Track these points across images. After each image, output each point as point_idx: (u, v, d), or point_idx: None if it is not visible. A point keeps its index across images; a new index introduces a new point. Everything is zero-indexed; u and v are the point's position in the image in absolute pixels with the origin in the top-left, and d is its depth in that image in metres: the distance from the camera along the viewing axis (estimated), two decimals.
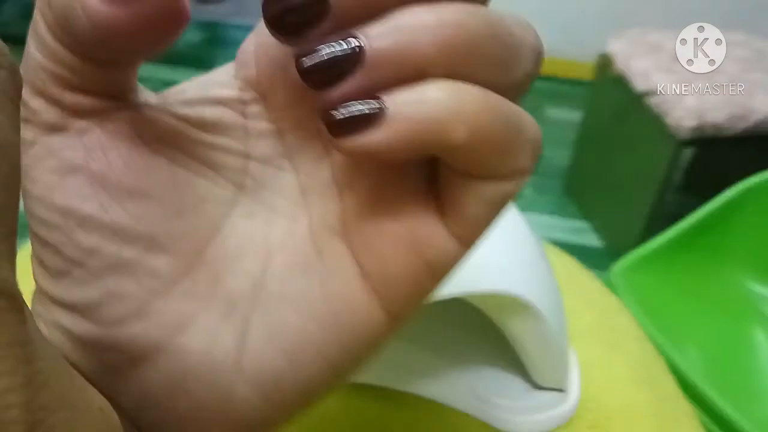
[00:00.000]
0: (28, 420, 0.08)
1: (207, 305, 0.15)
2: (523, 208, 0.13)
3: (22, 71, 0.13)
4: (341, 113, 0.13)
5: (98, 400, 0.11)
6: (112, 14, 0.12)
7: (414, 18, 0.12)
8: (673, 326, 0.75)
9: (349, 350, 0.15)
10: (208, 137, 0.16)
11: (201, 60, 1.86)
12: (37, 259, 0.14)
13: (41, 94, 0.14)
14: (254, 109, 0.16)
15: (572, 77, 1.90)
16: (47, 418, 0.09)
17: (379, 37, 0.12)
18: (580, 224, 1.39)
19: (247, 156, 0.16)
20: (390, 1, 0.13)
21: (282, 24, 0.13)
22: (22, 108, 0.13)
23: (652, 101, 1.09)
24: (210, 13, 2.09)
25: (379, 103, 0.13)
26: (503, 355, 0.31)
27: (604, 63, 1.23)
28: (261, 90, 0.16)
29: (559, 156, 1.54)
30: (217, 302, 0.15)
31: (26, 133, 0.14)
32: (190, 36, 2.00)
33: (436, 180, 0.15)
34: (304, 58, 0.13)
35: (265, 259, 0.15)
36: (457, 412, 0.29)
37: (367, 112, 0.13)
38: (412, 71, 0.12)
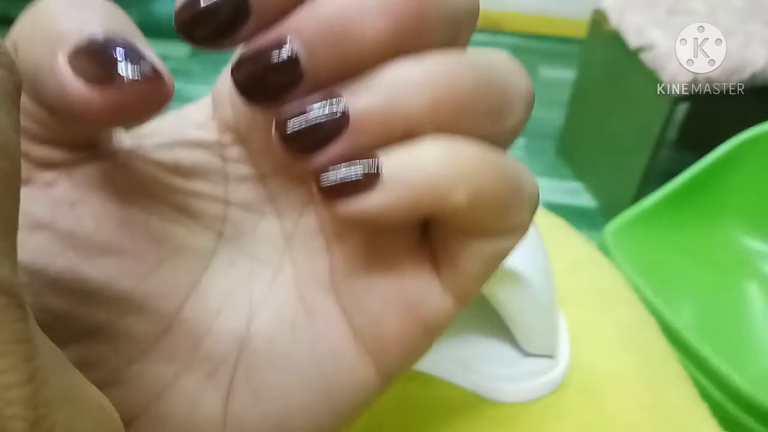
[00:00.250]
0: (30, 416, 0.08)
1: (188, 367, 0.14)
2: None
3: None
4: (334, 176, 0.12)
5: (99, 397, 0.11)
6: (87, 96, 0.11)
7: (399, 75, 0.12)
8: (667, 284, 0.75)
9: (339, 413, 0.14)
10: (185, 183, 0.14)
11: None
12: None
13: None
14: (233, 152, 0.15)
15: (566, 35, 1.87)
16: (49, 414, 0.09)
17: (362, 97, 0.12)
18: (574, 185, 1.38)
19: (226, 202, 0.15)
20: (370, 59, 0.12)
21: (252, 91, 0.12)
22: None
23: (647, 57, 1.07)
24: None
25: (373, 165, 0.12)
26: (491, 323, 0.31)
27: (598, 19, 1.21)
28: (240, 133, 0.15)
29: (552, 117, 1.53)
30: (199, 363, 0.14)
31: None
32: (173, 7, 1.95)
33: (430, 233, 0.14)
34: (282, 124, 0.12)
35: (249, 315, 0.14)
36: (445, 382, 0.29)
37: (361, 175, 0.12)
38: (400, 132, 0.12)
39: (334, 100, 0.12)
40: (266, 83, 0.12)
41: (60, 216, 0.13)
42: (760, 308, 0.77)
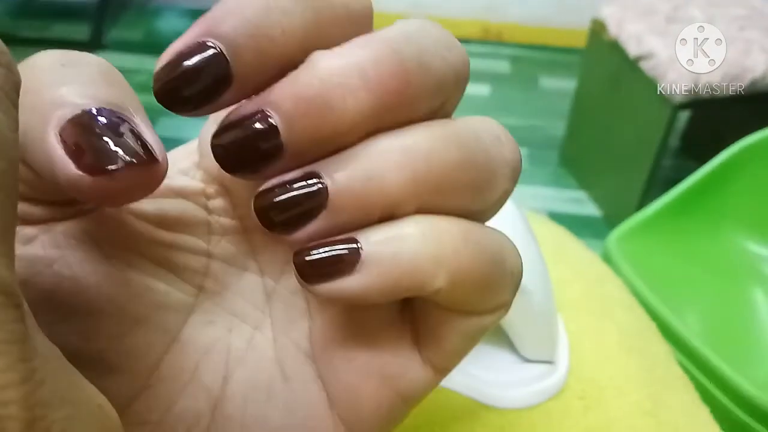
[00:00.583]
0: (26, 417, 0.08)
1: (161, 429, 0.13)
2: (520, 181, 0.14)
3: None
4: (312, 254, 0.12)
5: (97, 397, 0.11)
6: (78, 179, 0.10)
7: (378, 153, 0.11)
8: (672, 291, 0.75)
9: None
10: (169, 236, 0.14)
11: None
12: None
13: None
14: (218, 203, 0.15)
15: (566, 45, 1.88)
16: (46, 414, 0.09)
17: (341, 175, 0.11)
18: (578, 194, 1.38)
19: (209, 255, 0.14)
20: (351, 133, 0.11)
21: (232, 161, 0.12)
22: None
23: (647, 65, 1.07)
24: (197, 0, 2.06)
25: (352, 246, 0.11)
26: (489, 330, 0.31)
27: (597, 29, 1.21)
28: (224, 184, 0.14)
29: (554, 126, 1.53)
30: (171, 424, 0.13)
31: None
32: (176, 24, 1.97)
33: (411, 306, 0.14)
34: (260, 199, 0.12)
35: (225, 374, 0.14)
36: (444, 389, 0.29)
37: (339, 258, 0.11)
38: (380, 210, 0.11)
39: (313, 178, 0.11)
40: (246, 154, 0.11)
41: (37, 275, 0.12)
42: (765, 313, 0.77)
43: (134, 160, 0.10)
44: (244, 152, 0.11)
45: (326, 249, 0.12)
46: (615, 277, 0.39)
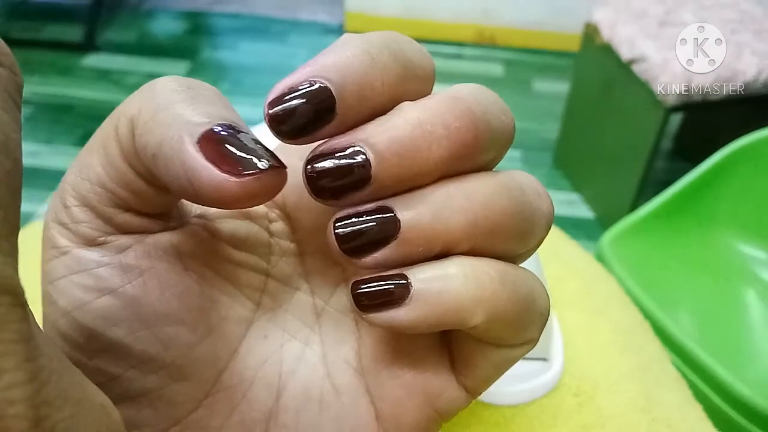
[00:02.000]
0: (32, 415, 0.09)
1: None
2: None
3: (70, 173, 0.13)
4: (368, 286, 0.13)
5: (100, 397, 0.11)
6: (224, 183, 0.11)
7: (446, 196, 0.13)
8: (665, 292, 0.75)
9: None
10: (237, 254, 0.15)
11: (184, 51, 1.84)
12: None
13: (91, 208, 0.13)
14: (279, 226, 0.16)
15: (560, 49, 1.88)
16: (51, 414, 0.09)
17: (413, 212, 0.13)
18: (572, 196, 1.39)
19: (267, 274, 0.16)
20: (429, 175, 0.13)
21: (321, 186, 0.13)
22: (62, 211, 0.13)
23: (639, 68, 1.08)
24: (191, 2, 2.06)
25: (403, 282, 0.13)
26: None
27: (590, 33, 1.22)
28: (286, 210, 0.16)
29: (548, 129, 1.54)
30: None
31: (60, 239, 0.13)
32: (171, 27, 1.97)
33: (449, 334, 0.15)
34: (339, 225, 0.13)
35: (279, 387, 0.15)
36: None
37: (393, 291, 0.13)
38: (440, 248, 0.13)
39: (387, 212, 0.13)
40: (337, 181, 0.13)
41: (130, 283, 0.13)
42: (757, 314, 0.77)
43: (274, 163, 0.12)
44: (335, 179, 0.13)
45: (381, 283, 0.13)
46: (609, 276, 0.39)
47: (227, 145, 0.12)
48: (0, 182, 0.09)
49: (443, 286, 0.13)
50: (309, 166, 0.13)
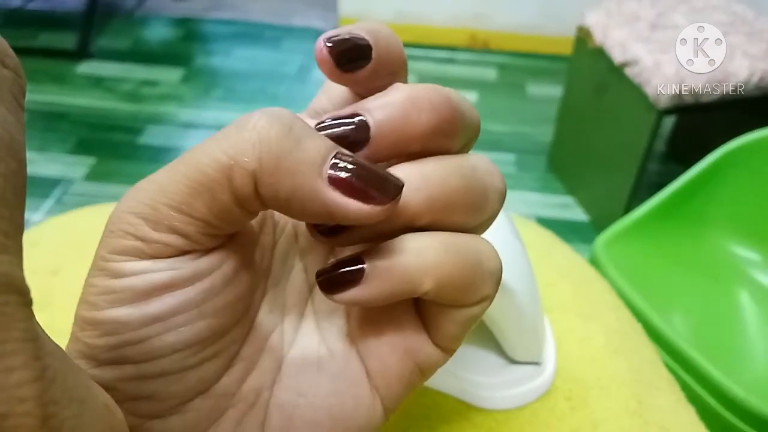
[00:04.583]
0: (40, 413, 0.09)
1: (235, 401, 0.16)
2: (508, 187, 0.18)
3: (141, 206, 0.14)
4: (329, 273, 0.15)
5: (103, 396, 0.11)
6: (367, 211, 0.14)
7: (404, 179, 0.15)
8: (659, 294, 0.75)
9: None
10: (260, 236, 0.17)
11: (177, 57, 1.84)
12: (97, 331, 0.14)
13: (185, 236, 0.14)
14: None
15: (553, 53, 1.89)
16: (58, 412, 0.09)
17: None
18: (566, 199, 1.39)
19: (272, 252, 0.18)
20: (413, 145, 0.15)
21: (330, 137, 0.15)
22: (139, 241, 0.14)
23: (632, 71, 1.09)
24: (184, 8, 2.06)
25: (359, 267, 0.15)
26: (477, 332, 0.31)
27: (583, 36, 1.23)
28: None
29: (542, 132, 1.54)
30: (243, 398, 0.16)
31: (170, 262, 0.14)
32: (165, 33, 1.97)
33: (417, 301, 0.17)
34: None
35: (281, 355, 0.17)
36: (434, 391, 0.29)
37: (349, 273, 0.15)
38: (402, 222, 0.15)
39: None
40: (341, 141, 0.15)
41: (209, 300, 0.15)
42: (751, 315, 0.77)
43: (399, 182, 0.14)
44: (340, 141, 0.15)
45: (338, 268, 0.15)
46: (601, 279, 0.40)
47: (357, 179, 0.14)
48: (6, 183, 0.09)
49: (391, 262, 0.15)
50: (319, 129, 0.15)
